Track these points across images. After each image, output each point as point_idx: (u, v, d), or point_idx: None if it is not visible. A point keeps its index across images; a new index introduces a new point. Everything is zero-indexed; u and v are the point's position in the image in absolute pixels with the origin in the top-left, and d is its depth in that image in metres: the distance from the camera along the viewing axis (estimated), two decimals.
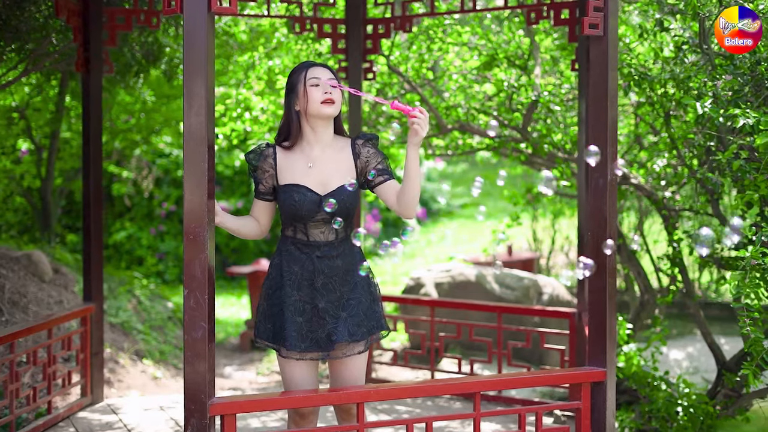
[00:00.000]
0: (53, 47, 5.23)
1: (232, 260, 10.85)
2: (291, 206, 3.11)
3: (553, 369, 4.48)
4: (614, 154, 3.37)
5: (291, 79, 3.20)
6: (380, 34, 5.19)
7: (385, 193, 3.17)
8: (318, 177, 3.15)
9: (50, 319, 4.44)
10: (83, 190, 4.80)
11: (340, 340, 3.08)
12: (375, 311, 3.21)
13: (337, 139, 3.24)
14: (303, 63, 3.22)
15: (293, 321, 3.11)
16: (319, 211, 3.12)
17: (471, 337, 5.01)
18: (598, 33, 3.31)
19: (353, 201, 3.15)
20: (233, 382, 6.39)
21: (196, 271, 2.85)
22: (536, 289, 6.76)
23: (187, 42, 2.86)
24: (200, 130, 2.85)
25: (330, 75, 3.17)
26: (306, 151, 3.19)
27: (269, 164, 3.20)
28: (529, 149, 5.60)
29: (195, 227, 2.85)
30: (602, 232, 3.36)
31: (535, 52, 5.47)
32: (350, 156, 3.20)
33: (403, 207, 3.11)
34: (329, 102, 3.12)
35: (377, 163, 3.19)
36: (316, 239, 3.15)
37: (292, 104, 3.18)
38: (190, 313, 2.86)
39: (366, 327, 3.16)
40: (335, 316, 3.12)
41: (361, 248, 3.29)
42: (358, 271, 3.17)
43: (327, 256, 3.14)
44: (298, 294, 3.13)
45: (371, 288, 3.23)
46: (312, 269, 3.13)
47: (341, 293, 3.15)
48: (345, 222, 3.17)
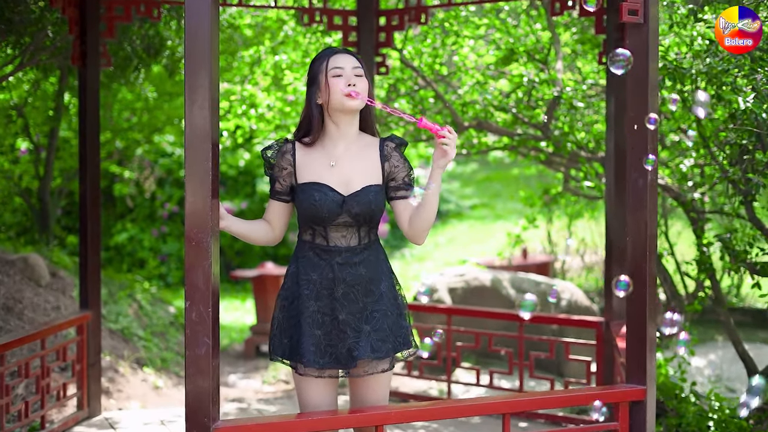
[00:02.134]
0: (49, 41, 4.98)
1: (236, 263, 10.57)
2: (311, 206, 2.82)
3: (589, 387, 4.19)
4: (654, 152, 3.09)
5: (312, 69, 2.89)
6: (393, 26, 4.91)
7: (402, 210, 2.89)
8: (341, 176, 2.86)
9: (43, 328, 4.17)
10: (80, 190, 4.53)
11: (362, 356, 2.79)
12: (402, 326, 2.90)
13: (363, 136, 2.94)
14: (325, 50, 2.92)
15: (311, 334, 2.82)
16: (341, 213, 2.83)
17: (490, 347, 4.72)
18: (637, 20, 3.02)
19: (379, 203, 2.85)
20: (237, 391, 6.12)
21: (198, 281, 2.58)
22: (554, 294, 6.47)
23: (189, 29, 2.58)
24: (204, 125, 2.57)
25: (355, 63, 2.87)
26: (328, 148, 2.90)
27: (288, 161, 2.90)
28: (550, 148, 5.32)
29: (197, 232, 2.57)
30: (641, 238, 3.08)
31: (556, 46, 5.19)
32: (377, 156, 2.90)
33: (414, 231, 2.84)
34: (354, 95, 2.83)
35: (405, 175, 2.90)
36: (336, 244, 2.85)
37: (313, 97, 2.88)
38: (193, 328, 2.58)
39: (391, 343, 2.86)
40: (357, 330, 2.82)
41: (386, 255, 3.00)
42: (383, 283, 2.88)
43: (349, 263, 2.84)
44: (317, 304, 2.84)
45: (398, 300, 2.92)
46: (332, 277, 2.84)
47: (364, 304, 2.85)
48: (370, 226, 2.89)
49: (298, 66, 5.77)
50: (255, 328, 7.38)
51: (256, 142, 9.15)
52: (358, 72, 2.85)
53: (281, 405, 5.49)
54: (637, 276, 3.09)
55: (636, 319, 3.12)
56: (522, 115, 5.26)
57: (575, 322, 4.59)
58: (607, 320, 4.38)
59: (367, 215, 2.83)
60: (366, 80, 2.88)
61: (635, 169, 3.09)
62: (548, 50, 5.37)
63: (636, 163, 3.08)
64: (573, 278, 8.45)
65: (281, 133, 6.02)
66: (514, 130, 5.31)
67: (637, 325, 3.12)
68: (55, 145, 7.58)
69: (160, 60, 5.41)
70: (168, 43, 5.30)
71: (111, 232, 10.55)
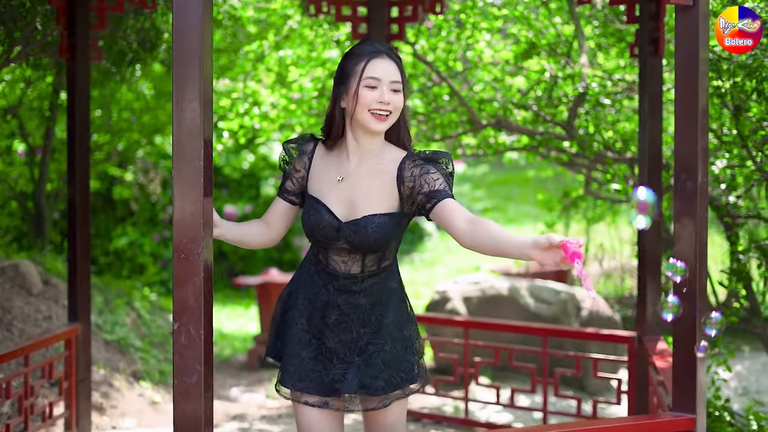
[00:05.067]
0: (39, 34, 4.65)
1: (239, 269, 10.22)
2: (306, 225, 2.50)
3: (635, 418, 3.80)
4: (705, 150, 2.74)
5: (345, 66, 2.48)
6: (406, 17, 4.56)
7: (440, 217, 2.39)
8: (345, 196, 2.48)
9: (27, 343, 3.83)
10: (68, 194, 4.19)
11: (346, 390, 2.45)
12: (407, 361, 2.54)
13: (387, 150, 2.52)
14: (365, 45, 2.49)
15: (294, 353, 2.52)
16: (337, 239, 2.46)
17: (511, 363, 4.36)
18: (686, 2, 2.68)
19: (383, 236, 2.43)
20: (240, 406, 5.77)
21: (188, 300, 2.23)
22: (574, 304, 6.11)
23: (177, 8, 2.24)
24: (193, 120, 2.23)
25: (395, 75, 2.45)
26: (342, 160, 2.52)
27: (303, 163, 2.55)
28: (573, 148, 4.96)
29: (187, 243, 2.23)
30: (690, 248, 2.73)
31: (580, 39, 4.83)
32: (393, 179, 2.46)
33: (473, 243, 2.33)
34: (382, 116, 2.43)
35: (425, 186, 2.41)
36: (335, 268, 2.51)
37: (338, 97, 2.50)
38: (182, 353, 2.24)
39: (385, 381, 2.49)
40: (346, 361, 2.49)
41: (400, 282, 2.63)
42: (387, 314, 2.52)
43: (346, 291, 2.49)
44: (307, 324, 2.52)
45: (404, 332, 2.55)
46: (326, 300, 2.50)
47: (359, 335, 2.51)
48: (378, 255, 2.50)
49: (304, 62, 5.42)
50: (259, 338, 7.03)
51: (260, 142, 8.80)
52: (396, 87, 2.44)
53: (285, 425, 5.15)
54: (686, 294, 2.74)
55: (684, 339, 2.77)
56: (543, 113, 4.90)
57: (605, 336, 4.24)
58: (640, 335, 4.03)
59: (367, 247, 2.45)
60: (403, 95, 2.47)
61: (684, 170, 2.74)
62: (571, 44, 5.01)
63: (685, 164, 2.74)
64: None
65: (286, 133, 5.68)
66: (535, 128, 4.95)
67: (685, 345, 2.77)
68: (50, 146, 7.26)
69: (157, 55, 5.08)
70: (165, 36, 4.96)
71: (111, 237, 10.23)
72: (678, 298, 2.51)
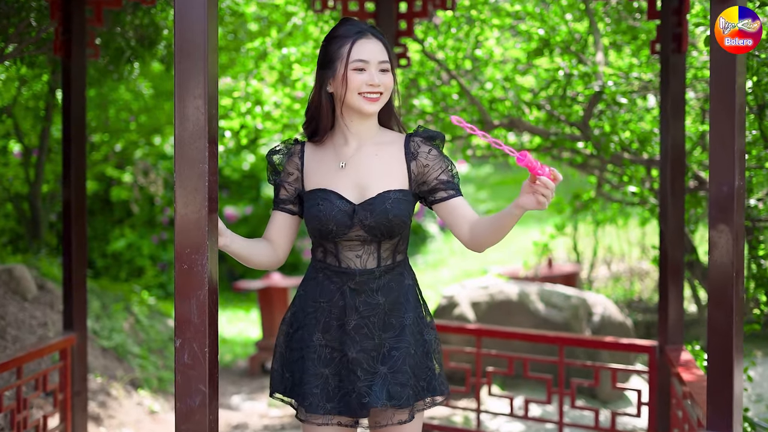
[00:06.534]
0: (34, 31, 4.47)
1: (239, 272, 10.04)
2: (315, 218, 2.31)
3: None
4: (742, 152, 2.57)
5: (328, 49, 2.35)
6: (416, 12, 4.38)
7: (449, 213, 2.35)
8: (353, 180, 2.34)
9: (19, 354, 3.64)
10: (63, 197, 4.00)
11: (374, 404, 2.27)
12: (428, 368, 2.37)
13: (384, 132, 2.42)
14: (347, 25, 2.35)
15: (316, 373, 2.32)
16: (351, 226, 2.30)
17: (526, 373, 4.19)
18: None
19: (400, 213, 2.31)
20: (241, 415, 5.59)
21: (191, 315, 2.05)
22: (585, 309, 5.94)
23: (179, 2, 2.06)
24: (198, 118, 2.06)
25: (383, 55, 2.33)
26: (339, 147, 2.38)
27: (295, 164, 2.40)
28: (588, 149, 4.78)
29: (191, 253, 2.05)
30: (726, 256, 2.55)
31: (595, 35, 4.66)
32: (401, 155, 2.37)
33: (476, 244, 2.33)
34: (374, 98, 2.31)
35: (441, 171, 2.35)
36: (349, 265, 2.34)
37: (324, 82, 2.35)
38: (184, 373, 2.06)
39: (413, 388, 2.32)
40: (371, 371, 2.31)
41: (415, 279, 2.47)
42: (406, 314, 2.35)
43: (364, 290, 2.32)
44: (324, 337, 2.34)
45: (425, 335, 2.39)
46: (343, 305, 2.33)
47: (381, 340, 2.33)
48: (392, 243, 2.36)
49: (308, 60, 5.24)
50: (260, 344, 6.85)
51: (262, 143, 8.62)
52: (384, 66, 2.33)
53: None
54: (720, 301, 2.57)
55: (720, 354, 2.59)
56: (558, 113, 4.72)
57: (625, 346, 4.06)
58: (661, 344, 3.85)
59: (385, 228, 2.30)
60: (392, 75, 2.35)
61: (719, 173, 2.57)
62: (585, 41, 4.84)
63: (720, 167, 2.56)
64: (599, 289, 7.90)
65: (289, 133, 5.49)
66: (549, 129, 4.77)
67: (721, 360, 2.59)
68: (46, 147, 7.08)
69: (156, 52, 4.89)
70: (164, 33, 4.78)
71: (108, 239, 10.05)
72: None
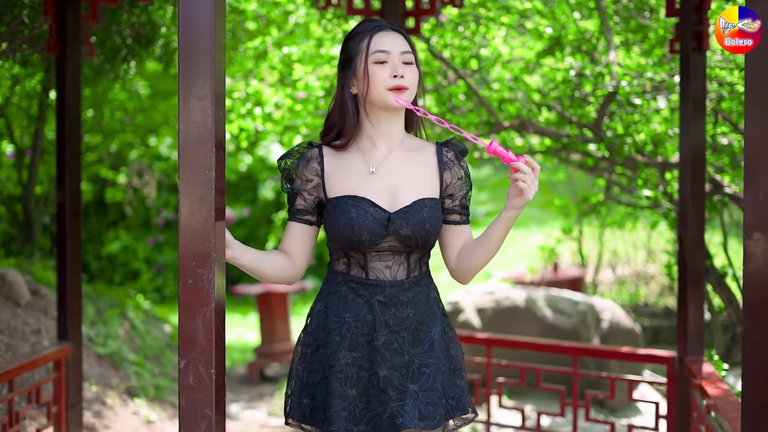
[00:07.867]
0: (26, 28, 4.31)
1: (236, 275, 9.87)
2: (346, 227, 2.15)
3: None
4: None
5: (347, 48, 2.23)
6: (423, 10, 4.22)
7: (451, 237, 2.27)
8: (385, 187, 2.19)
9: (11, 367, 3.47)
10: (57, 200, 3.84)
11: (408, 425, 2.11)
12: (456, 385, 2.24)
13: (410, 138, 2.29)
14: (364, 23, 2.24)
15: (343, 394, 2.15)
16: (386, 236, 2.16)
17: (538, 384, 4.03)
18: None
19: (436, 223, 2.20)
20: (240, 425, 5.42)
21: (197, 334, 1.89)
22: (594, 315, 5.79)
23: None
24: (204, 122, 1.89)
25: (404, 46, 2.21)
26: (366, 151, 2.23)
27: (314, 170, 2.23)
28: (601, 151, 4.63)
29: (196, 267, 1.89)
30: (763, 267, 2.40)
31: (608, 34, 4.51)
32: (433, 163, 2.26)
33: (462, 269, 2.25)
34: (400, 89, 2.17)
35: (463, 195, 2.28)
36: (378, 277, 2.18)
37: (346, 84, 2.22)
38: (189, 396, 1.90)
39: (444, 407, 2.19)
40: (402, 390, 2.15)
41: (438, 292, 2.32)
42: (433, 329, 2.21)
43: (393, 303, 2.18)
44: (351, 355, 2.17)
45: (451, 351, 2.26)
46: (371, 320, 2.17)
47: (411, 356, 2.18)
48: (421, 253, 2.23)
49: (311, 57, 5.08)
50: (259, 350, 6.69)
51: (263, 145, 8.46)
52: (407, 58, 2.19)
53: None
54: (757, 316, 2.42)
55: (756, 373, 2.44)
56: (569, 114, 4.57)
57: (642, 357, 3.91)
58: (680, 355, 3.70)
59: (421, 238, 2.17)
60: (417, 69, 2.22)
61: (754, 180, 2.42)
62: (598, 39, 4.69)
63: (756, 170, 2.41)
64: (605, 293, 7.76)
65: (290, 135, 5.33)
66: (560, 130, 4.62)
67: (757, 379, 2.44)
68: (40, 148, 6.91)
69: (153, 51, 4.73)
70: (162, 30, 4.62)
71: (103, 241, 9.87)
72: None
